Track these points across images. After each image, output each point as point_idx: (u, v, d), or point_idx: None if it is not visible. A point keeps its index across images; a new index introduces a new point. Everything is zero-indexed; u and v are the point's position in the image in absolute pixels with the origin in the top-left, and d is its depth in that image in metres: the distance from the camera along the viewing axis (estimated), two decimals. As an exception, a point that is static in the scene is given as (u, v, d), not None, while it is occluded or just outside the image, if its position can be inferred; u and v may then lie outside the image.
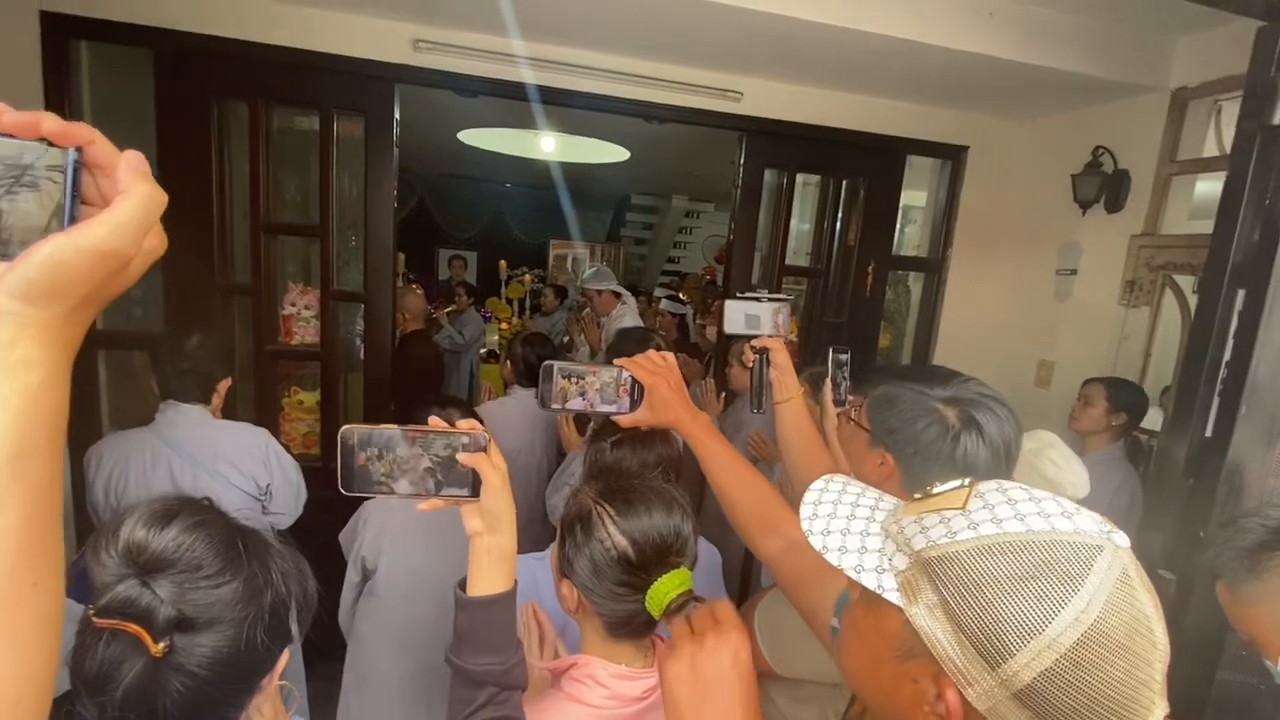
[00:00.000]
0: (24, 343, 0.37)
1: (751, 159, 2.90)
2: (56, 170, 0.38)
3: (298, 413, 2.73)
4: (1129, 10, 2.23)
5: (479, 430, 0.76)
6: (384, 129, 2.47)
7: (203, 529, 0.63)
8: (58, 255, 0.37)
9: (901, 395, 0.97)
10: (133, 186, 0.39)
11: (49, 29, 2.15)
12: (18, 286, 0.37)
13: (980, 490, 0.54)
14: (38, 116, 0.37)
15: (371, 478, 0.72)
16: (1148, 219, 2.52)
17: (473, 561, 0.77)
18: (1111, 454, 2.23)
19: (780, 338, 1.31)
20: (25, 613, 0.37)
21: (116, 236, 0.38)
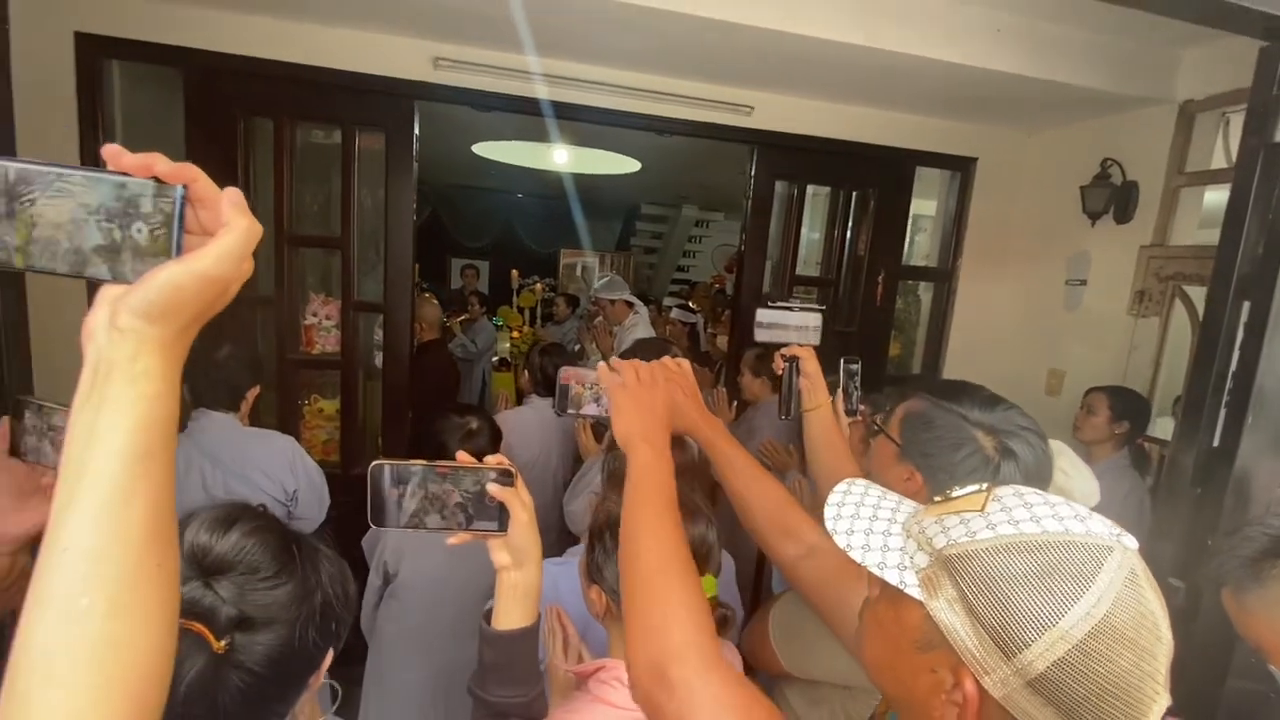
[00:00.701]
0: (144, 356, 0.42)
1: (762, 171, 2.94)
2: (166, 204, 0.43)
3: (318, 420, 2.78)
4: (1135, 25, 2.26)
5: (506, 464, 0.78)
6: (404, 145, 2.54)
7: (259, 534, 0.67)
8: (174, 280, 0.43)
9: (937, 418, 0.97)
10: (234, 220, 0.45)
11: (83, 49, 2.23)
12: (139, 307, 0.42)
13: (998, 494, 0.58)
14: (151, 159, 0.43)
15: (400, 512, 0.75)
16: (1157, 230, 2.54)
17: (499, 595, 0.79)
18: (1116, 462, 2.25)
19: (810, 347, 1.35)
20: (155, 591, 0.42)
21: (222, 264, 0.44)
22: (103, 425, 0.41)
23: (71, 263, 0.43)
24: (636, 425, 0.89)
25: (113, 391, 0.42)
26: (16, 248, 0.42)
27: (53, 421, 0.76)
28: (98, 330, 0.43)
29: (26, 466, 0.76)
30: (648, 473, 0.82)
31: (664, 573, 0.71)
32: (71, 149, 2.25)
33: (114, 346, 0.42)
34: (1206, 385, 1.40)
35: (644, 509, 0.77)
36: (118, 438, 0.41)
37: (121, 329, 0.42)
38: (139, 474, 0.42)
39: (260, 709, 0.67)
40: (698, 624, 0.67)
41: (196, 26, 2.27)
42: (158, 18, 2.23)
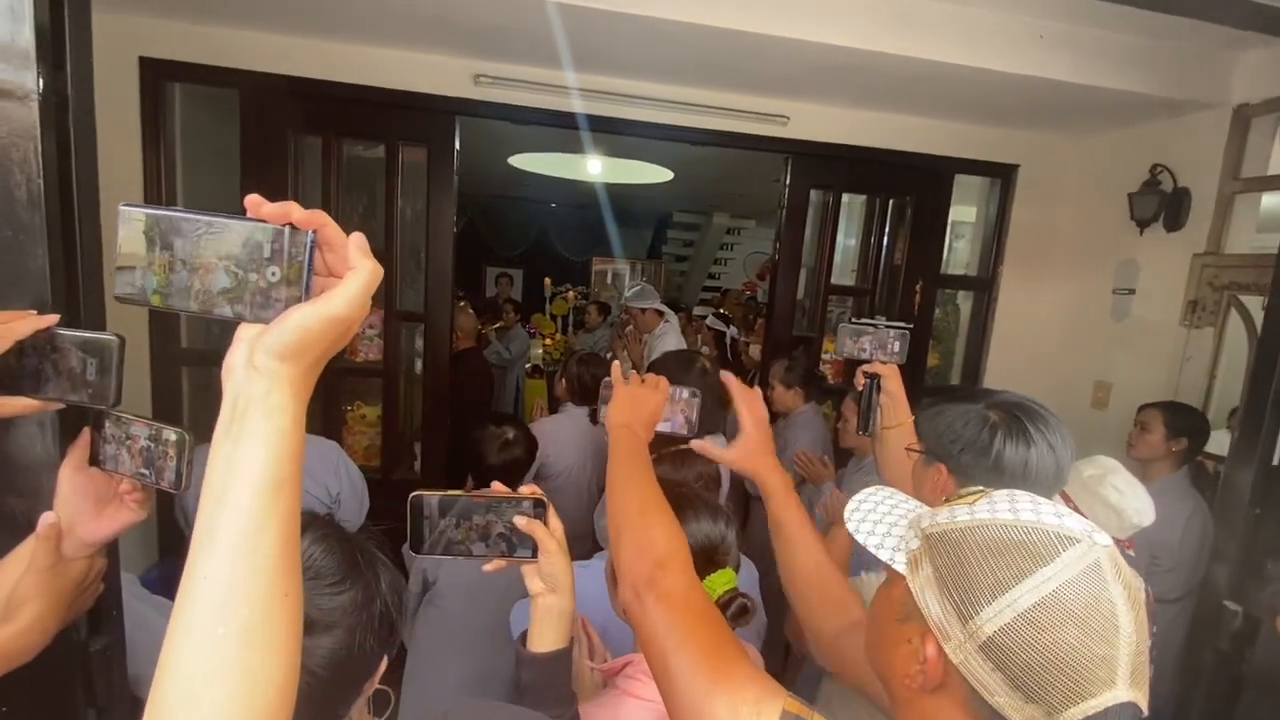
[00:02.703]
0: (277, 392, 0.46)
1: (797, 180, 2.93)
2: (299, 249, 0.46)
3: (360, 426, 2.86)
4: (1186, 28, 2.19)
5: (539, 494, 0.81)
6: (445, 159, 2.61)
7: (326, 542, 0.70)
8: (305, 322, 0.46)
9: (947, 407, 1.03)
10: (360, 263, 0.48)
11: (147, 73, 2.35)
12: (274, 347, 0.45)
13: (992, 495, 0.61)
14: (288, 207, 0.46)
15: (439, 540, 0.79)
16: (1210, 238, 2.45)
17: (534, 619, 0.83)
18: (1176, 481, 2.16)
19: (893, 364, 1.36)
20: (282, 619, 0.45)
21: (349, 306, 0.47)
22: (240, 458, 0.44)
23: (205, 303, 0.46)
24: (624, 415, 1.01)
25: (249, 426, 0.45)
26: (155, 290, 0.46)
27: (130, 431, 0.80)
28: (236, 368, 0.46)
29: (105, 474, 0.80)
30: (628, 447, 0.96)
31: (645, 512, 0.84)
32: (135, 169, 2.37)
33: (250, 383, 0.45)
34: (1265, 400, 1.35)
35: (626, 471, 0.91)
36: (253, 469, 0.44)
37: (258, 367, 0.45)
38: (271, 503, 0.45)
39: (320, 710, 0.69)
40: (675, 541, 0.80)
41: (251, 49, 2.37)
42: (215, 41, 2.34)
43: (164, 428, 0.81)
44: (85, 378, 0.72)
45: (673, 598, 0.74)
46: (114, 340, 0.72)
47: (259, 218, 0.46)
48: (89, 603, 0.88)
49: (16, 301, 0.78)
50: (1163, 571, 2.09)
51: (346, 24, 2.28)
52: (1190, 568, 2.12)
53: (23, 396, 0.73)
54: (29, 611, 0.73)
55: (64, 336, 0.73)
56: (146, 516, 0.86)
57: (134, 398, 2.43)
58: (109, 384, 0.72)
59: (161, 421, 0.83)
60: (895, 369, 1.38)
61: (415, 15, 2.14)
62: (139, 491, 0.81)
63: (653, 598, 0.75)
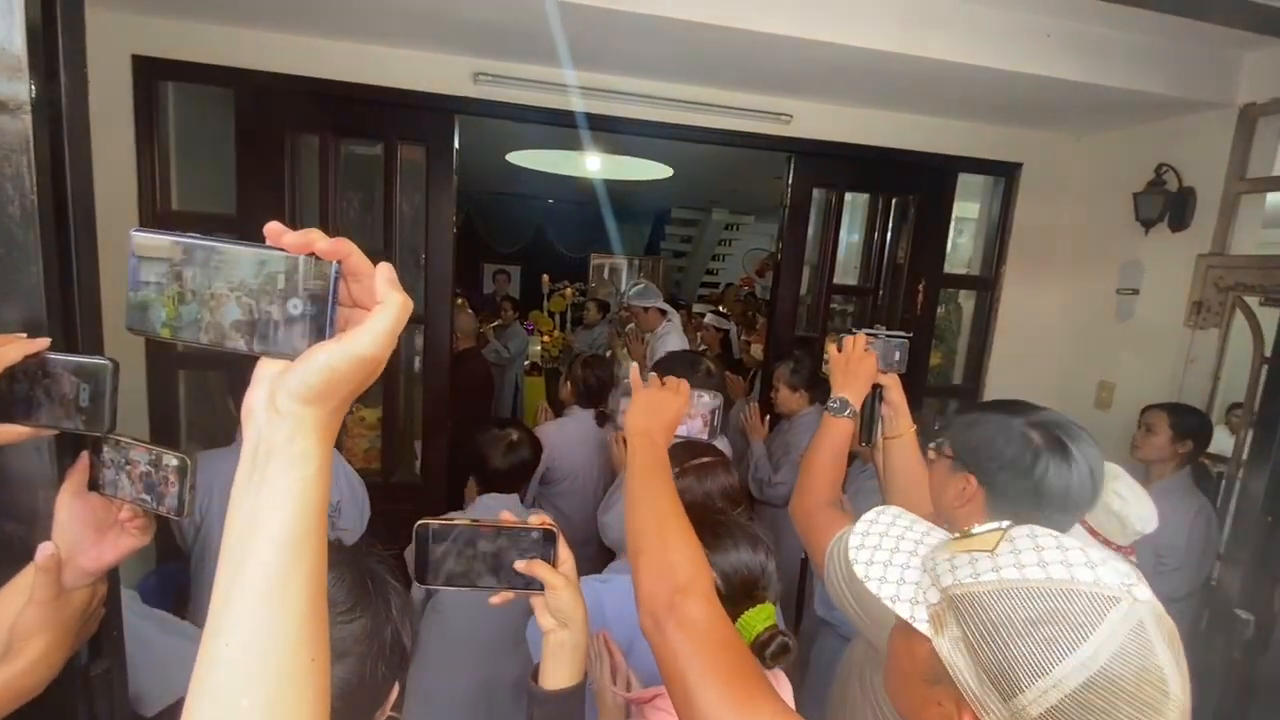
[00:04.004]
0: (301, 438, 0.42)
1: (800, 179, 2.91)
2: (322, 281, 0.43)
3: (360, 429, 2.84)
4: (1192, 27, 2.17)
5: (548, 524, 0.78)
6: (444, 158, 2.58)
7: (337, 569, 0.68)
8: (331, 362, 0.42)
9: (984, 418, 1.00)
10: (389, 297, 0.44)
11: (140, 71, 2.31)
12: (297, 390, 0.42)
13: (1011, 535, 0.58)
14: (311, 237, 0.42)
15: (445, 570, 0.76)
16: (1215, 238, 2.44)
17: (545, 655, 0.80)
18: (1180, 481, 2.16)
19: (894, 374, 1.34)
20: (307, 689, 0.42)
21: (376, 344, 0.43)
22: (263, 510, 0.42)
23: (217, 336, 0.43)
24: (642, 421, 0.97)
25: (271, 475, 0.42)
26: (164, 322, 0.43)
27: (130, 456, 0.78)
28: (257, 410, 0.43)
29: (104, 500, 0.78)
30: (647, 458, 0.92)
31: (665, 532, 0.81)
32: (129, 170, 2.33)
33: (273, 428, 0.42)
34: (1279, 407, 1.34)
35: (646, 484, 0.88)
36: (276, 524, 0.42)
37: (280, 410, 0.42)
38: (296, 559, 0.42)
39: None
40: (697, 566, 0.78)
41: (247, 47, 2.33)
42: (210, 39, 2.30)
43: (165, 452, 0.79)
44: (78, 404, 0.70)
45: (694, 626, 0.71)
46: (107, 365, 0.69)
47: (279, 247, 0.43)
48: (92, 629, 0.85)
49: (10, 322, 0.75)
50: (1169, 571, 2.10)
51: (344, 22, 2.24)
52: (1195, 567, 2.12)
53: (14, 424, 0.71)
54: (35, 646, 0.70)
55: (56, 361, 0.70)
56: (149, 542, 0.84)
57: (130, 400, 2.40)
58: (103, 410, 0.69)
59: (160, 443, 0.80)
60: (896, 379, 1.36)
61: (414, 13, 2.10)
62: (140, 518, 0.79)
63: (673, 625, 0.72)
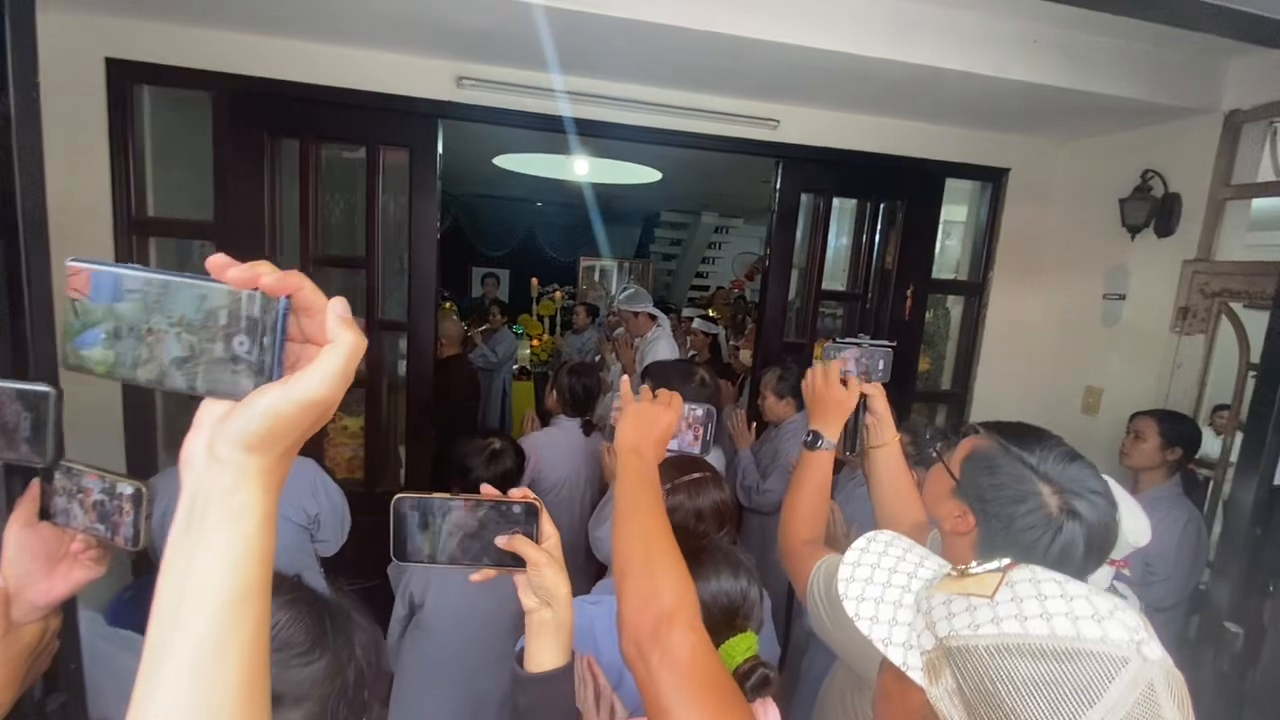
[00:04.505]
0: (243, 489, 0.39)
1: (787, 184, 2.90)
2: (269, 317, 0.40)
3: (342, 438, 2.79)
4: (1178, 33, 2.17)
5: (530, 497, 0.75)
6: (428, 162, 2.54)
7: (294, 607, 0.65)
8: (275, 407, 0.39)
9: (1003, 464, 0.92)
10: (340, 336, 0.41)
11: (114, 75, 2.26)
12: (238, 436, 0.39)
13: (1012, 579, 0.54)
14: (257, 271, 0.39)
15: (423, 547, 0.72)
16: (1201, 244, 2.44)
17: (529, 635, 0.77)
18: (1169, 490, 2.16)
19: (878, 384, 1.32)
20: None
21: (326, 387, 0.40)
22: (197, 570, 0.38)
23: (157, 374, 0.40)
24: (632, 437, 0.94)
25: (209, 531, 0.39)
26: (99, 359, 0.40)
27: (82, 484, 0.75)
28: (195, 458, 0.40)
29: (55, 530, 0.75)
30: (637, 475, 0.90)
31: (651, 556, 0.79)
32: (103, 175, 2.28)
33: (211, 478, 0.39)
34: (1268, 418, 1.33)
35: (635, 504, 0.85)
36: (213, 584, 0.38)
37: (220, 459, 0.39)
38: (234, 624, 0.39)
39: None
40: (683, 593, 0.76)
41: (224, 50, 2.28)
42: (186, 42, 2.25)
43: (119, 480, 0.75)
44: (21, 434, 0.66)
45: (678, 658, 0.68)
46: (49, 393, 0.66)
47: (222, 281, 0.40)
48: (45, 666, 0.82)
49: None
50: (1158, 581, 2.09)
51: (323, 25, 2.20)
52: (1184, 577, 2.12)
53: None
54: None
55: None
56: (104, 573, 0.80)
57: (105, 409, 2.34)
58: (45, 440, 0.66)
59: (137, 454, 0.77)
60: (880, 388, 1.35)
61: (395, 16, 2.07)
62: (93, 549, 0.75)
63: (656, 657, 0.69)
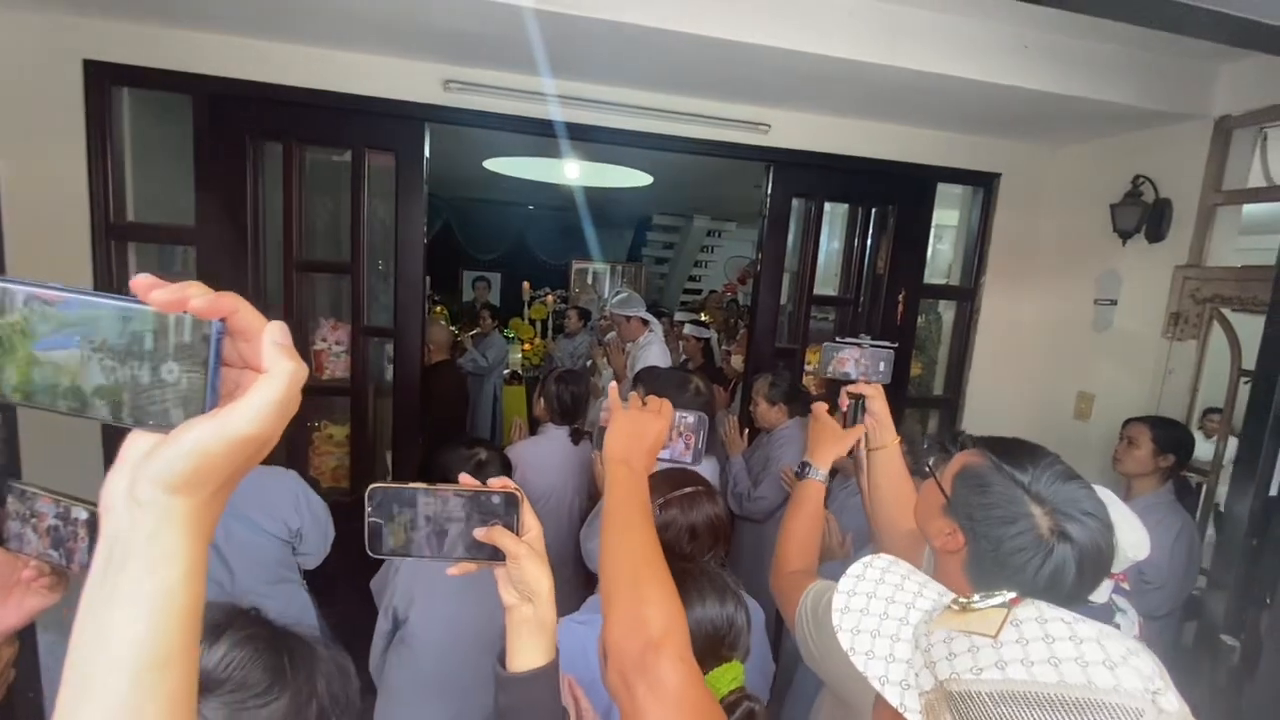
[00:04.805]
0: (166, 535, 0.35)
1: (779, 188, 2.88)
2: (201, 342, 0.37)
3: (327, 446, 2.74)
4: (1168, 39, 2.17)
5: (511, 487, 0.71)
6: (414, 166, 2.50)
7: (251, 644, 0.61)
8: (202, 444, 0.36)
9: (995, 483, 0.89)
10: (276, 365, 0.38)
11: (92, 76, 2.21)
12: (162, 477, 0.35)
13: (1017, 617, 0.51)
14: (185, 294, 0.36)
15: (398, 539, 0.68)
16: (1192, 250, 2.44)
17: (509, 633, 0.73)
18: (1162, 497, 2.14)
19: (878, 385, 1.31)
20: None
21: (258, 422, 0.37)
22: (112, 628, 0.34)
23: (78, 403, 0.37)
24: (621, 447, 0.90)
25: (126, 583, 0.35)
26: (14, 386, 0.36)
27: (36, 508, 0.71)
28: (114, 499, 0.36)
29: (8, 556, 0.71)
30: (625, 489, 0.85)
31: (639, 580, 0.75)
32: (80, 179, 2.23)
33: (131, 522, 0.35)
34: (1264, 429, 1.32)
35: (624, 522, 0.81)
36: (129, 644, 0.34)
37: (141, 501, 0.35)
38: (150, 688, 0.34)
39: None
40: (672, 619, 0.72)
41: (206, 52, 2.24)
42: (167, 44, 2.21)
43: (74, 504, 0.72)
44: None
45: (665, 689, 0.65)
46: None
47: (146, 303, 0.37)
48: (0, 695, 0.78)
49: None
50: (1151, 589, 2.07)
51: (307, 27, 2.16)
52: (1177, 586, 2.10)
53: None
54: None
55: None
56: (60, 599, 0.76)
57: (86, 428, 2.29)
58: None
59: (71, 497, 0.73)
60: (880, 389, 1.33)
61: (380, 18, 2.03)
62: (47, 575, 0.72)
63: (643, 688, 0.66)
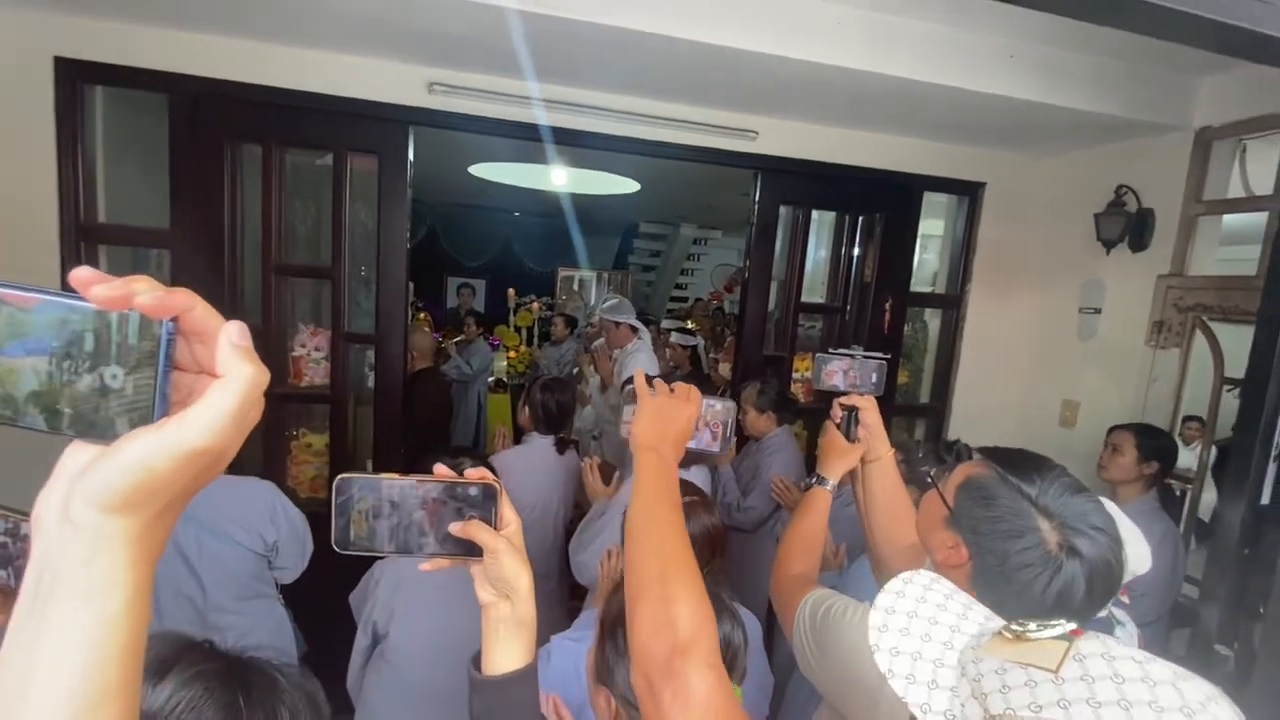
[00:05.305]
0: (103, 559, 0.31)
1: (766, 196, 2.87)
2: (148, 342, 0.33)
3: (305, 455, 2.67)
4: (1150, 51, 2.19)
5: (489, 479, 0.67)
6: (398, 170, 2.45)
7: (201, 681, 0.56)
8: (147, 459, 0.31)
9: (1001, 496, 0.86)
10: (233, 370, 0.33)
11: (63, 74, 2.14)
12: (99, 494, 0.31)
13: (1081, 652, 0.47)
14: (130, 290, 0.32)
15: (368, 534, 0.63)
16: (1174, 259, 2.46)
17: (485, 634, 0.68)
18: (1146, 504, 2.15)
19: (871, 396, 1.29)
20: None
21: (211, 434, 0.32)
22: (41, 662, 0.30)
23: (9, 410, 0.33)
24: (651, 433, 0.88)
25: (56, 613, 0.30)
26: None
27: None
28: (46, 519, 0.32)
29: None
30: (653, 477, 0.82)
31: (667, 578, 0.72)
32: (49, 177, 2.16)
33: (63, 545, 0.31)
34: (1254, 439, 1.31)
35: (653, 515, 0.78)
36: (57, 686, 0.30)
37: (75, 522, 0.31)
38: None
39: None
40: (701, 623, 0.69)
41: (184, 51, 2.18)
42: (144, 42, 2.15)
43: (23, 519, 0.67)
44: None
45: (692, 697, 0.62)
46: None
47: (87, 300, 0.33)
48: None
49: None
50: (1137, 597, 2.06)
51: (289, 28, 2.12)
52: (1162, 592, 2.10)
53: None
54: None
55: None
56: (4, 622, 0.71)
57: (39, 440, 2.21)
58: None
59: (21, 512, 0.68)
60: (873, 400, 1.32)
61: (364, 20, 1.99)
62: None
63: (669, 694, 0.63)
